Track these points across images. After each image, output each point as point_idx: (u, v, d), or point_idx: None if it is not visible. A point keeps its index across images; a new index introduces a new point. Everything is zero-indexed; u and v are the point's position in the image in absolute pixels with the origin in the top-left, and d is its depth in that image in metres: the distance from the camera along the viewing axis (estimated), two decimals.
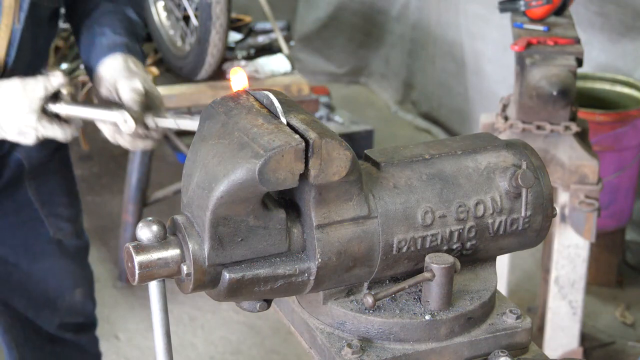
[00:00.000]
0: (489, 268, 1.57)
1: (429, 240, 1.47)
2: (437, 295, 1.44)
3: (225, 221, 1.36)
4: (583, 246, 3.22)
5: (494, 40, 5.08)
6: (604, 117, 3.91)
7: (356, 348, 1.41)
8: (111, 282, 4.21)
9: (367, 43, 6.47)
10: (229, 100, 1.48)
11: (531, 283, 4.18)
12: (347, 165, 1.37)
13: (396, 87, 6.26)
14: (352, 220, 1.41)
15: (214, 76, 4.05)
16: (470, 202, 1.49)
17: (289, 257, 1.41)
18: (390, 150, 1.52)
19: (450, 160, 1.51)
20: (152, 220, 1.41)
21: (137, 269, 1.38)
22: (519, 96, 3.19)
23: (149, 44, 4.39)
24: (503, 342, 1.48)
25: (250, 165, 1.32)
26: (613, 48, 4.44)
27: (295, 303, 1.53)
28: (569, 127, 3.15)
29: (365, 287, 1.48)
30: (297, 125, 1.38)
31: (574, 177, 3.16)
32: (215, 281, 1.39)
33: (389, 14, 6.24)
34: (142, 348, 3.81)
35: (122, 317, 3.98)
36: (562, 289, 3.28)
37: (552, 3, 3.38)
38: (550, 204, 1.54)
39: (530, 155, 1.55)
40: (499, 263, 2.40)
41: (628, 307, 4.07)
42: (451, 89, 5.68)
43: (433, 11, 5.76)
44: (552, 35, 3.31)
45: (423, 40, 5.92)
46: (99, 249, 4.45)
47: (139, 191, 4.12)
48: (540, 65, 3.14)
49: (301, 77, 4.17)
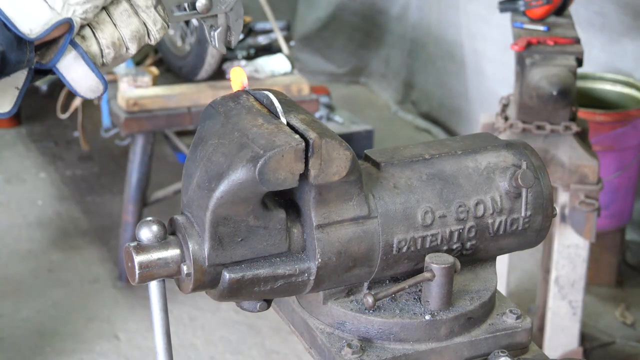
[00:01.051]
0: (489, 268, 1.57)
1: (429, 240, 1.47)
2: (437, 295, 1.44)
3: (225, 221, 1.36)
4: (583, 246, 3.22)
5: (494, 40, 5.08)
6: (604, 117, 3.91)
7: (356, 348, 1.41)
8: (111, 282, 4.21)
9: (367, 43, 6.46)
10: (229, 100, 1.48)
11: (531, 283, 4.17)
12: (347, 165, 1.37)
13: (396, 87, 6.26)
14: (352, 220, 1.41)
15: (214, 76, 4.05)
16: (470, 202, 1.49)
17: (289, 257, 1.41)
18: (390, 150, 1.52)
19: (450, 160, 1.51)
20: (152, 220, 1.41)
21: (137, 269, 1.38)
22: (519, 96, 3.19)
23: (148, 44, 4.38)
24: (503, 342, 1.48)
25: (250, 165, 1.32)
26: (613, 48, 4.44)
27: (295, 303, 1.53)
28: (569, 127, 3.15)
29: (365, 287, 1.48)
30: (297, 125, 1.38)
31: (574, 177, 3.16)
32: (215, 281, 1.39)
33: (389, 14, 6.24)
34: (142, 348, 3.81)
35: (122, 317, 3.98)
36: (562, 289, 3.28)
37: (552, 3, 3.38)
38: (550, 204, 1.54)
39: (530, 155, 1.55)
40: (499, 263, 2.39)
41: (628, 307, 4.07)
42: (451, 89, 5.68)
43: (433, 11, 5.76)
44: (552, 35, 3.31)
45: (423, 40, 5.92)
46: (99, 249, 4.45)
47: (139, 191, 4.12)
48: (540, 65, 3.14)
49: (301, 77, 4.16)
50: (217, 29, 1.54)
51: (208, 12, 1.50)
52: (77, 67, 1.46)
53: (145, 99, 3.85)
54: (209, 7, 1.50)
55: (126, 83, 3.89)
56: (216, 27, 1.53)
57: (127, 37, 1.51)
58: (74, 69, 1.46)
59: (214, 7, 1.51)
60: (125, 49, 1.51)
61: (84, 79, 1.47)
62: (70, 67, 1.46)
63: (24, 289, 4.15)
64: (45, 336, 3.84)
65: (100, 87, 1.48)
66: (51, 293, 4.11)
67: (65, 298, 4.09)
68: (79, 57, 1.46)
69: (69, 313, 3.99)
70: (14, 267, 4.30)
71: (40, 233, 4.58)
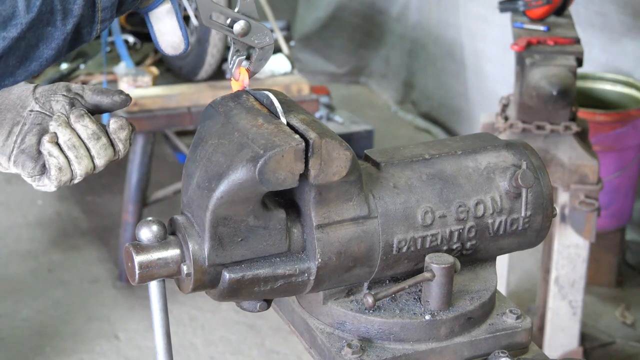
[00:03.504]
0: (489, 268, 1.57)
1: (429, 240, 1.47)
2: (437, 295, 1.44)
3: (225, 221, 1.36)
4: (583, 246, 3.22)
5: (494, 40, 5.08)
6: (604, 117, 3.91)
7: (356, 348, 1.41)
8: (111, 282, 4.21)
9: (367, 43, 6.46)
10: (229, 100, 1.48)
11: (531, 283, 4.17)
12: (347, 165, 1.37)
13: (396, 87, 6.26)
14: (352, 220, 1.41)
15: (214, 76, 4.05)
16: (470, 202, 1.49)
17: (289, 257, 1.41)
18: (390, 150, 1.52)
19: (450, 160, 1.51)
20: (152, 220, 1.41)
21: (137, 269, 1.38)
22: (519, 96, 3.19)
23: (149, 44, 4.39)
24: (503, 342, 1.48)
25: (250, 165, 1.32)
26: (613, 48, 4.44)
27: (295, 303, 1.53)
28: (569, 127, 3.15)
29: (365, 287, 1.48)
30: (297, 125, 1.38)
31: (574, 177, 3.16)
32: (215, 281, 1.39)
33: (389, 14, 6.24)
34: (142, 348, 3.81)
35: (122, 317, 3.98)
36: (562, 289, 3.28)
37: (552, 3, 3.38)
38: (550, 204, 1.54)
39: (530, 155, 1.55)
40: (499, 263, 2.39)
41: (628, 307, 4.07)
42: (451, 89, 5.68)
43: (433, 11, 5.76)
44: (552, 35, 3.31)
45: (423, 40, 5.92)
46: (99, 249, 4.45)
47: (139, 191, 4.12)
48: (540, 65, 3.14)
49: (301, 77, 4.16)
50: (241, 57, 1.54)
51: (241, 37, 1.51)
52: (168, 21, 1.53)
53: (145, 99, 3.85)
54: (244, 34, 1.51)
55: (126, 83, 3.89)
56: (241, 54, 1.54)
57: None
58: (164, 21, 1.53)
59: (249, 37, 1.52)
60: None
61: (170, 33, 1.54)
62: (161, 19, 1.53)
63: (24, 289, 4.15)
64: (45, 336, 3.84)
65: (182, 46, 1.54)
66: (51, 293, 4.11)
67: (65, 298, 4.09)
68: (172, 11, 1.53)
69: (69, 313, 3.99)
70: (14, 267, 4.30)
71: (40, 233, 4.58)
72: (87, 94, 1.52)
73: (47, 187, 1.50)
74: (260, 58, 1.54)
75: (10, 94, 1.51)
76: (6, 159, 1.48)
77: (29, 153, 1.46)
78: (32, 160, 1.46)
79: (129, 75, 3.91)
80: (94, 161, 1.52)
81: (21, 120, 1.48)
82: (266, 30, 1.52)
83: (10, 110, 1.49)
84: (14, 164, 1.47)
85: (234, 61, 1.55)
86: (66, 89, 1.52)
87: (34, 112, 1.48)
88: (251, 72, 1.54)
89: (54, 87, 1.52)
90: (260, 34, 1.52)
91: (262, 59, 1.54)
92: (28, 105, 1.49)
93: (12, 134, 1.47)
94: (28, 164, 1.46)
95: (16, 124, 1.48)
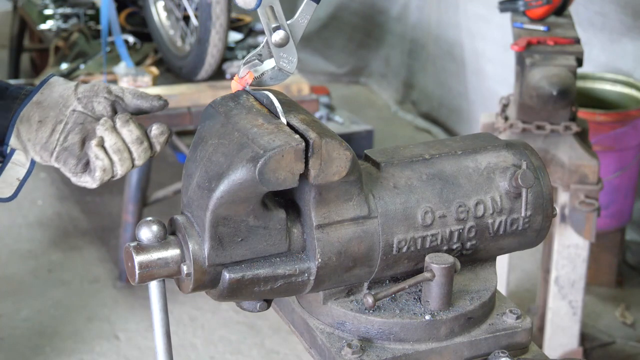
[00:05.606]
0: (489, 268, 1.57)
1: (429, 240, 1.47)
2: (437, 295, 1.44)
3: (225, 221, 1.36)
4: (583, 246, 3.22)
5: (494, 40, 5.08)
6: (604, 117, 3.91)
7: (356, 348, 1.41)
8: (111, 282, 4.21)
9: (367, 43, 6.46)
10: (229, 100, 1.48)
11: (531, 283, 4.18)
12: (347, 165, 1.37)
13: (396, 87, 6.26)
14: (352, 220, 1.41)
15: (214, 76, 4.05)
16: (470, 202, 1.49)
17: (289, 257, 1.41)
18: (390, 150, 1.52)
19: (450, 160, 1.51)
20: (152, 220, 1.41)
21: (137, 269, 1.38)
22: (519, 96, 3.19)
23: (149, 44, 4.39)
24: (503, 342, 1.48)
25: (250, 165, 1.32)
26: (613, 48, 4.44)
27: (295, 303, 1.53)
28: (569, 127, 3.15)
29: (365, 287, 1.48)
30: (297, 125, 1.38)
31: (574, 177, 3.16)
32: (215, 281, 1.39)
33: (389, 14, 6.24)
34: (142, 348, 3.81)
35: (122, 317, 3.98)
36: (562, 289, 3.28)
37: (552, 3, 3.38)
38: (550, 204, 1.54)
39: (530, 155, 1.55)
40: (499, 263, 2.39)
41: (628, 307, 4.07)
42: (451, 89, 5.68)
43: (433, 11, 5.76)
44: (552, 35, 3.31)
45: (423, 40, 5.92)
46: (99, 249, 4.45)
47: (139, 191, 4.12)
48: (540, 65, 3.14)
49: (301, 77, 4.16)
50: (258, 63, 1.54)
51: (277, 47, 1.51)
52: None
53: None
54: (277, 45, 1.50)
55: (126, 83, 3.89)
56: (260, 60, 1.54)
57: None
58: None
59: (278, 50, 1.51)
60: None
61: None
62: None
63: (24, 289, 4.15)
64: (45, 336, 3.84)
65: (252, 2, 1.53)
66: (51, 293, 4.11)
67: (65, 298, 4.09)
68: None
69: (69, 313, 3.99)
70: (14, 267, 4.30)
71: (40, 233, 4.58)
72: (127, 97, 1.60)
73: (89, 184, 1.60)
74: (272, 77, 1.54)
75: (52, 92, 1.61)
76: (48, 155, 1.58)
77: (72, 151, 1.56)
78: (75, 157, 1.56)
79: (129, 75, 3.91)
80: (134, 162, 1.61)
81: (64, 119, 1.57)
82: (295, 59, 1.53)
83: (53, 108, 1.59)
84: (56, 160, 1.58)
85: (250, 61, 1.54)
86: (107, 90, 1.60)
87: (76, 112, 1.58)
88: (255, 81, 1.53)
89: (95, 88, 1.60)
90: (288, 56, 1.52)
91: (272, 78, 1.54)
92: (70, 105, 1.58)
93: (55, 132, 1.56)
94: (70, 161, 1.56)
95: (59, 122, 1.57)
